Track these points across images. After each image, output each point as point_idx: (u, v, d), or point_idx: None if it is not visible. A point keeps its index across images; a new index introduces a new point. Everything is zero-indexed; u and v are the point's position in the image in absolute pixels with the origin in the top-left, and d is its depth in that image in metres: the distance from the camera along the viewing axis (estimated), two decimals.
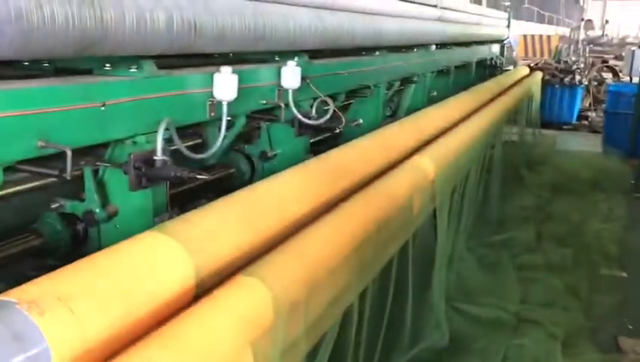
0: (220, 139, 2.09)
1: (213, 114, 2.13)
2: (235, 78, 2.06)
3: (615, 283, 4.26)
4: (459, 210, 3.70)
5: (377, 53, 3.94)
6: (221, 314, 1.20)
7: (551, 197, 5.90)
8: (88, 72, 1.83)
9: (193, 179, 1.75)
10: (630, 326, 3.66)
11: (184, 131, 2.42)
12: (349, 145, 2.52)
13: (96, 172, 1.90)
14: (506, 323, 3.33)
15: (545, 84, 10.52)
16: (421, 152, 2.72)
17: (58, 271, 1.12)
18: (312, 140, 3.10)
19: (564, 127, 10.89)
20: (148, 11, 1.61)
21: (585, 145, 9.44)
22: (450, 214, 3.34)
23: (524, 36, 19.24)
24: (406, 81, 4.59)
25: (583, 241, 4.80)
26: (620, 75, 12.19)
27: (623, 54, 12.47)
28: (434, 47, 5.05)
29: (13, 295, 1.01)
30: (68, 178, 1.48)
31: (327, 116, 2.70)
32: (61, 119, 1.50)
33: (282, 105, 2.56)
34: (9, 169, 1.49)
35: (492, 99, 4.88)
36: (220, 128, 2.10)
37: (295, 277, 1.40)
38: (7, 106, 1.36)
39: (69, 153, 1.44)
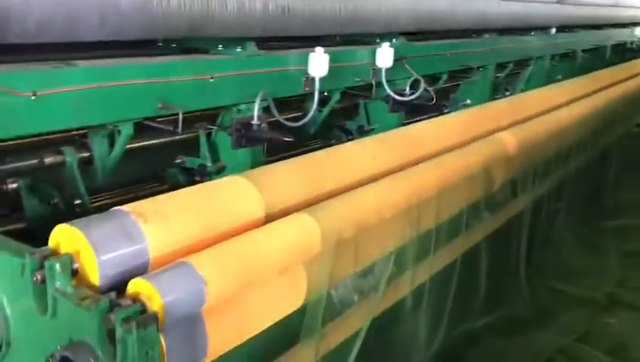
0: (313, 109, 2.45)
1: (307, 88, 2.49)
2: (326, 57, 2.41)
3: None
4: (558, 191, 3.75)
5: (487, 35, 4.06)
6: (277, 237, 1.55)
7: None
8: (206, 51, 2.28)
9: (279, 140, 2.12)
10: None
11: (289, 106, 2.84)
12: (433, 121, 2.76)
13: (209, 135, 2.35)
14: (596, 303, 3.37)
15: None
16: (504, 131, 2.86)
17: (162, 195, 1.54)
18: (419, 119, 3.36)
19: None
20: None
21: None
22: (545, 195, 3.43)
23: None
24: (521, 64, 4.64)
25: None
26: None
27: None
28: (554, 30, 4.99)
29: (128, 207, 1.43)
30: (179, 132, 1.91)
31: (417, 93, 2.95)
32: (177, 88, 1.94)
33: (374, 82, 2.85)
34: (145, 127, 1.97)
35: (613, 85, 4.73)
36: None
37: (344, 218, 1.72)
38: (138, 76, 1.82)
39: (180, 114, 1.88)
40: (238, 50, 2.22)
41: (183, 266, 1.29)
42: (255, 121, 2.16)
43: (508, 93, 4.63)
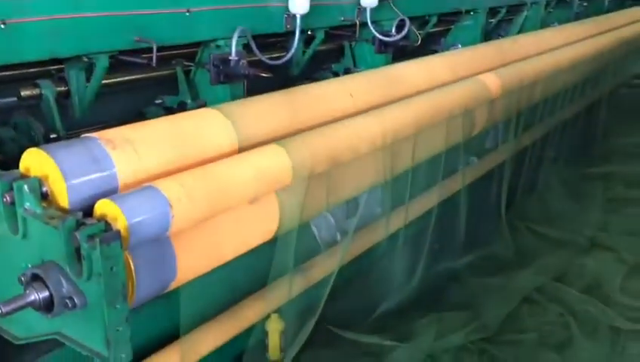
0: (294, 47, 2.44)
1: (289, 26, 2.47)
2: None
3: None
4: (546, 139, 3.78)
5: None
6: (248, 166, 1.58)
7: None
8: None
9: (258, 76, 2.13)
10: None
11: (273, 46, 2.83)
12: (417, 60, 2.74)
13: (188, 73, 2.35)
14: (576, 245, 3.43)
15: None
16: (488, 72, 2.85)
17: (132, 124, 1.55)
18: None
19: None
20: None
21: None
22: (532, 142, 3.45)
23: None
24: (515, 9, 4.57)
25: None
26: None
27: None
28: None
29: (97, 134, 1.45)
30: (154, 66, 1.91)
31: (403, 33, 2.93)
32: (152, 20, 1.93)
33: (358, 22, 2.83)
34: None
35: (608, 31, 4.68)
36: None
37: (317, 152, 1.74)
38: (112, 7, 1.81)
39: (154, 47, 1.88)
40: None
41: (149, 189, 1.32)
42: (233, 57, 2.16)
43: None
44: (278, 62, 2.42)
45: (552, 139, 4.13)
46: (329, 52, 3.13)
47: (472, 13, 3.97)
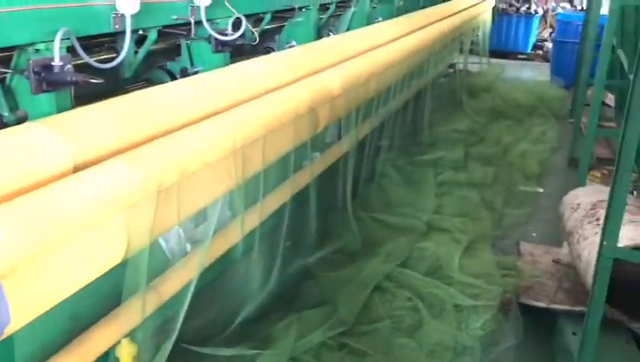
0: (125, 49, 2.25)
1: (117, 26, 2.27)
2: None
3: (530, 197, 4.61)
4: (381, 131, 3.94)
5: None
6: (88, 187, 1.41)
7: (487, 122, 6.18)
8: None
9: (88, 82, 1.92)
10: (534, 234, 4.03)
11: (101, 47, 2.60)
12: (257, 60, 2.70)
13: (3, 80, 2.06)
14: (416, 230, 3.64)
15: (501, 13, 10.66)
16: (328, 70, 2.89)
17: None
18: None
19: (520, 56, 11.12)
20: None
21: (535, 74, 9.70)
22: (369, 135, 3.58)
23: None
24: (343, 5, 4.71)
25: (508, 161, 5.12)
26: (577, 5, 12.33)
27: None
28: None
29: None
30: None
31: (239, 32, 2.85)
32: None
33: (193, 21, 2.70)
34: None
35: (429, 25, 5.02)
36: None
37: (165, 164, 1.62)
38: None
39: None
40: None
41: None
42: (57, 62, 1.93)
43: (331, 35, 4.70)
44: (108, 66, 2.22)
45: (386, 129, 4.34)
46: (164, 51, 2.96)
47: (304, 10, 4.01)
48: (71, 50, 2.03)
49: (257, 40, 3.05)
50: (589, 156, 4.15)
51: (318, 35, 4.29)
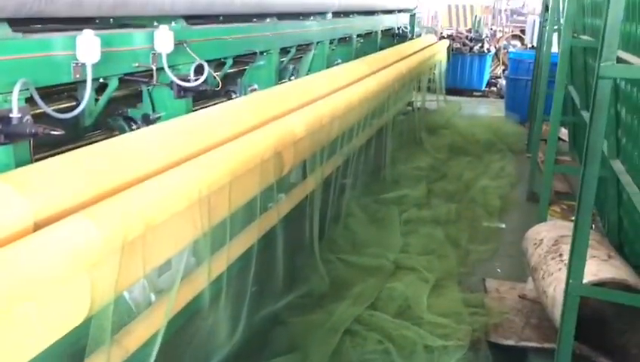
0: (86, 99, 2.21)
1: (78, 76, 2.24)
2: (97, 40, 2.18)
3: (493, 233, 4.67)
4: (344, 170, 3.96)
5: (268, 20, 4.10)
6: (49, 246, 1.36)
7: (447, 159, 6.29)
8: None
9: (48, 134, 1.88)
10: (499, 270, 4.07)
11: (60, 95, 2.55)
12: (221, 106, 2.69)
13: None
14: (384, 270, 3.63)
15: (456, 52, 11.00)
16: (292, 113, 2.91)
17: None
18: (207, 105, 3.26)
19: (475, 93, 11.45)
20: None
21: (491, 110, 9.98)
22: (333, 174, 3.59)
23: (449, 6, 19.70)
24: (303, 49, 4.77)
25: (470, 197, 5.20)
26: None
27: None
28: (330, 15, 5.23)
29: None
30: None
31: (202, 78, 2.85)
32: None
33: (155, 68, 2.68)
34: None
35: (387, 66, 5.12)
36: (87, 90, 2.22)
37: (129, 217, 1.58)
38: None
39: None
40: None
41: None
42: (15, 114, 1.88)
43: (293, 77, 4.75)
44: (68, 116, 2.17)
45: (350, 168, 4.36)
46: (125, 98, 2.92)
47: (265, 54, 4.04)
48: (30, 99, 1.99)
49: (220, 85, 3.05)
50: (549, 192, 4.25)
51: (280, 78, 4.32)
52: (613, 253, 3.01)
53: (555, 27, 5.52)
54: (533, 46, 11.08)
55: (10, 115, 1.88)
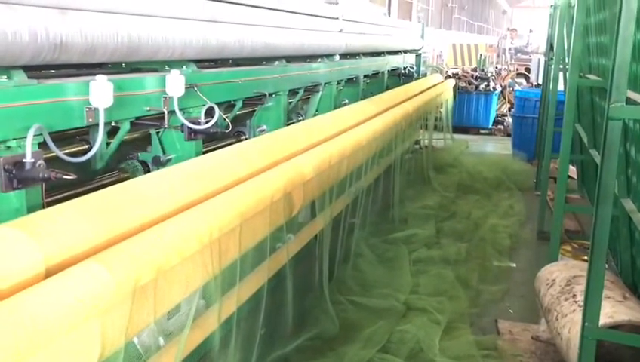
0: (98, 143, 2.24)
1: (91, 120, 2.27)
2: (110, 85, 2.22)
3: (504, 273, 4.62)
4: (353, 209, 3.95)
5: (277, 63, 4.16)
6: (61, 293, 1.35)
7: (455, 197, 6.28)
8: None
9: (60, 179, 1.89)
10: (511, 311, 4.01)
11: (72, 139, 2.58)
12: (231, 148, 2.71)
13: None
14: (394, 312, 3.59)
15: (462, 91, 11.10)
16: (301, 154, 2.92)
17: None
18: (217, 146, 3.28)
19: (482, 131, 11.49)
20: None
21: (498, 148, 10.00)
22: (342, 214, 3.59)
23: (454, 45, 19.99)
24: (311, 90, 4.83)
25: (480, 236, 5.16)
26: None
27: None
28: (337, 57, 5.30)
29: None
30: None
31: (213, 121, 2.88)
32: None
33: (166, 111, 2.71)
34: None
35: (394, 106, 5.16)
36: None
37: (141, 262, 1.57)
38: None
39: None
40: (3, 79, 1.94)
41: None
42: (28, 159, 1.90)
43: (301, 118, 4.79)
44: (81, 160, 2.20)
45: (358, 207, 4.35)
46: (136, 140, 2.95)
47: (274, 95, 4.09)
48: (43, 143, 2.02)
49: (230, 127, 3.08)
50: (559, 232, 4.21)
51: (288, 119, 4.36)
52: (628, 293, 2.97)
53: (561, 66, 5.56)
54: (538, 84, 11.20)
55: (24, 160, 1.90)
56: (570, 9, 5.22)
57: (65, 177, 1.92)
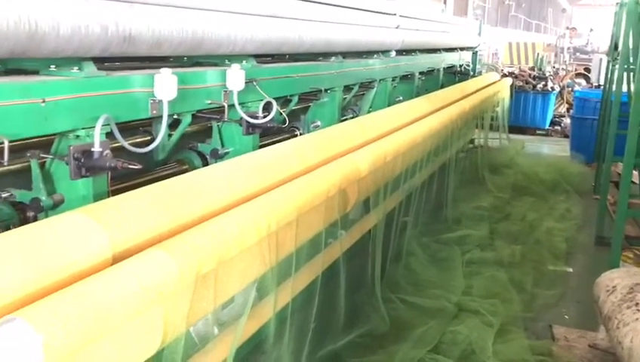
0: (161, 134, 2.29)
1: (155, 112, 2.32)
2: (174, 78, 2.27)
3: (559, 277, 4.49)
4: (406, 208, 3.92)
5: (333, 58, 4.16)
6: (128, 279, 1.39)
7: (510, 198, 6.14)
8: (36, 72, 2.03)
9: (126, 168, 1.95)
10: (566, 316, 3.90)
11: (135, 130, 2.65)
12: (288, 143, 2.73)
13: (44, 164, 2.09)
14: (446, 312, 3.54)
15: (519, 90, 10.83)
16: (357, 151, 2.92)
17: None
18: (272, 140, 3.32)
19: (538, 132, 11.20)
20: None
21: (554, 149, 9.73)
22: (395, 212, 3.56)
23: (510, 43, 19.53)
24: (365, 86, 4.81)
25: (535, 239, 5.03)
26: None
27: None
28: (394, 53, 5.26)
29: None
30: (5, 164, 1.67)
31: (270, 115, 2.91)
32: (2, 113, 1.69)
33: (226, 105, 2.76)
34: None
35: (450, 104, 5.09)
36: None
37: (203, 251, 1.60)
38: None
39: (6, 143, 1.64)
40: (75, 70, 2.01)
41: (13, 324, 1.10)
42: (96, 148, 1.96)
43: (355, 114, 4.78)
44: (145, 150, 2.25)
45: (411, 206, 4.31)
46: (196, 133, 3.01)
47: (329, 91, 4.10)
48: (108, 134, 2.08)
49: (287, 122, 3.10)
50: (621, 237, 4.07)
51: (342, 115, 4.36)
52: None
53: (626, 66, 5.35)
54: (599, 85, 10.82)
55: (92, 149, 1.97)
56: (638, 7, 5.02)
57: (131, 167, 1.97)
